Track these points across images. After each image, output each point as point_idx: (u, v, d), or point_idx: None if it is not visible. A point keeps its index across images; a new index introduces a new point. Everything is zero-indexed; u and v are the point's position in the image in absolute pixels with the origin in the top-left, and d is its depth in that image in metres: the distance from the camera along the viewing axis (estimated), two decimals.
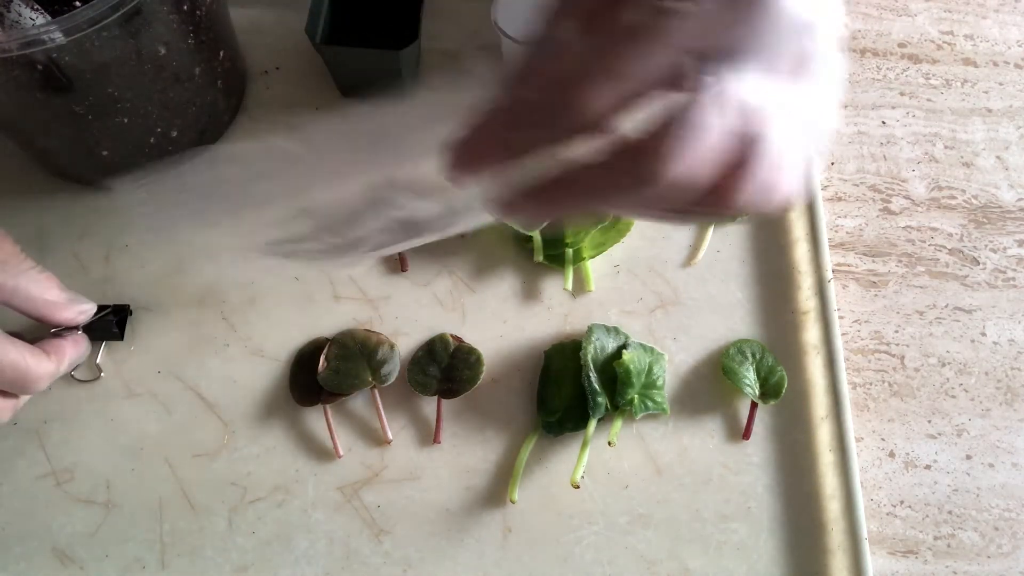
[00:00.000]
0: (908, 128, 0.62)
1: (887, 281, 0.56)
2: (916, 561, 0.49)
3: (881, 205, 0.59)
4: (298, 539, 0.48)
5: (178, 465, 0.49)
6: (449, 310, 0.53)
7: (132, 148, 0.52)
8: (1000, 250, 0.58)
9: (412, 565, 0.47)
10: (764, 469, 0.50)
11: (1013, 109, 0.63)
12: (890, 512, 0.50)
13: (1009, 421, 0.52)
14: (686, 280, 0.55)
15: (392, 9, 0.57)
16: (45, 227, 0.55)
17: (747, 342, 0.52)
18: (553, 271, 0.55)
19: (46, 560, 0.47)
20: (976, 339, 0.55)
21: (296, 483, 0.49)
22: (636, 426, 0.51)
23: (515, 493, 0.48)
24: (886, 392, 0.53)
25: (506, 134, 0.26)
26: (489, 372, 0.51)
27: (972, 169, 0.60)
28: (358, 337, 0.51)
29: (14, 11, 0.44)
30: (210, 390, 0.51)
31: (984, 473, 0.51)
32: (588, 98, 0.24)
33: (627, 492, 0.49)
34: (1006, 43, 0.66)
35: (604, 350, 0.51)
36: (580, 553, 0.48)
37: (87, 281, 0.53)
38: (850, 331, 0.55)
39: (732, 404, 0.51)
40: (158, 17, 0.45)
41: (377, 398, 0.50)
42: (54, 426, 0.50)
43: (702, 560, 0.48)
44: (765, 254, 0.55)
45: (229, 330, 0.52)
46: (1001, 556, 0.49)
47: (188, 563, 0.47)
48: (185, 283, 0.54)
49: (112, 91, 0.47)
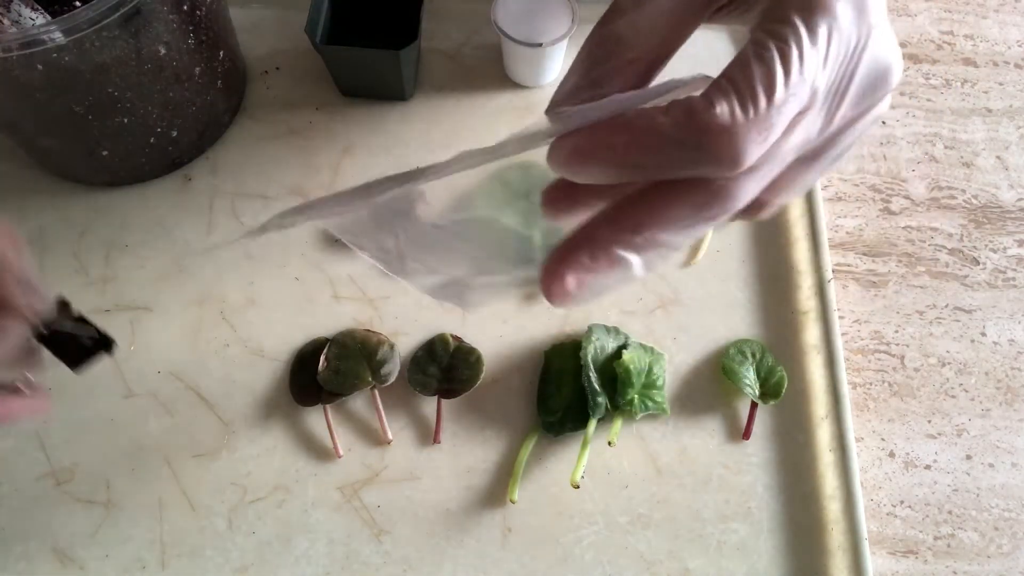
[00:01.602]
0: (908, 128, 0.62)
1: (887, 281, 0.56)
2: (916, 561, 0.49)
3: (881, 205, 0.59)
4: (298, 539, 0.48)
5: (178, 465, 0.49)
6: (449, 310, 0.53)
7: (132, 148, 0.52)
8: (1000, 250, 0.58)
9: (412, 565, 0.47)
10: (764, 469, 0.50)
11: (1013, 109, 0.63)
12: (890, 512, 0.50)
13: (1009, 421, 0.52)
14: (686, 280, 0.55)
15: (392, 9, 0.57)
16: (45, 227, 0.55)
17: (747, 342, 0.52)
18: None
19: (46, 560, 0.47)
20: (976, 339, 0.55)
21: (296, 483, 0.49)
22: (636, 426, 0.51)
23: (515, 493, 0.48)
24: (886, 392, 0.53)
25: (627, 152, 0.25)
26: (489, 372, 0.51)
27: (972, 169, 0.60)
28: (358, 337, 0.51)
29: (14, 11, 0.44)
30: (210, 390, 0.51)
31: (984, 473, 0.51)
32: (740, 148, 0.24)
33: (627, 492, 0.49)
34: (1006, 43, 0.66)
35: (604, 350, 0.51)
36: (580, 553, 0.48)
37: (87, 281, 0.53)
38: (850, 331, 0.55)
39: (732, 404, 0.51)
40: (158, 17, 0.45)
41: (377, 398, 0.50)
42: (54, 426, 0.50)
43: (702, 560, 0.48)
44: (765, 254, 0.55)
45: (229, 330, 0.52)
46: (1001, 556, 0.49)
47: (188, 563, 0.47)
48: (185, 283, 0.54)
49: (112, 91, 0.47)
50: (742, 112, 0.24)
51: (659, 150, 0.24)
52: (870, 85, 0.26)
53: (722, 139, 0.24)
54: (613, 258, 0.26)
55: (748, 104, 0.24)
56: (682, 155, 0.24)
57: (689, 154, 0.24)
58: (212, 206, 0.56)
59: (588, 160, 0.25)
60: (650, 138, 0.24)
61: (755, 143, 0.24)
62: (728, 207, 0.26)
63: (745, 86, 0.24)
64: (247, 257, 0.55)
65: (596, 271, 0.26)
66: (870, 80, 0.26)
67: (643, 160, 0.24)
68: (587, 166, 0.25)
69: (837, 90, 0.25)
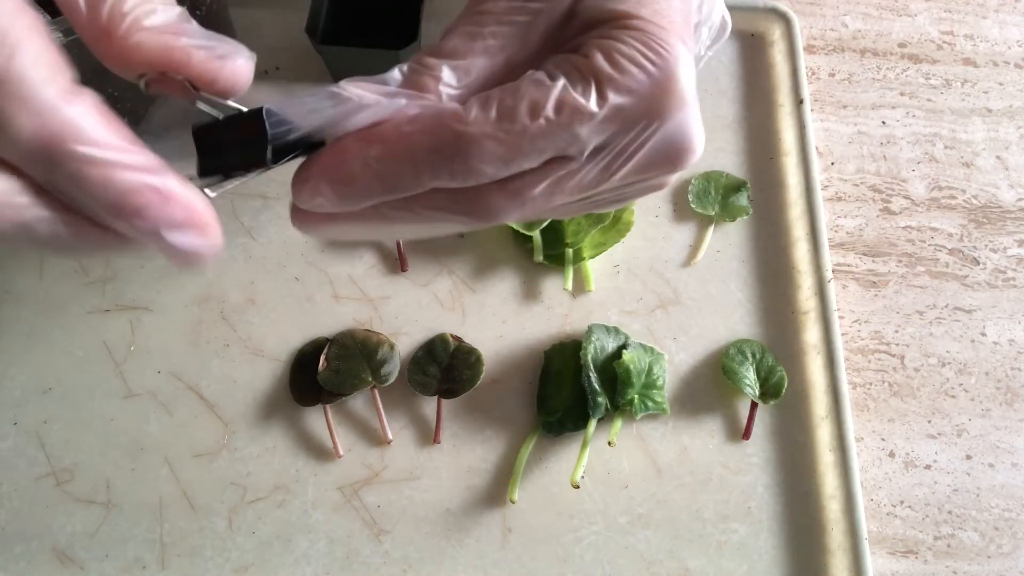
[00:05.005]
0: (908, 128, 0.62)
1: (887, 281, 0.56)
2: (916, 561, 0.49)
3: (881, 205, 0.59)
4: (298, 539, 0.48)
5: (178, 465, 0.49)
6: (449, 310, 0.53)
7: None
8: (1000, 250, 0.58)
9: (412, 565, 0.47)
10: (764, 469, 0.50)
11: (1013, 109, 0.63)
12: (890, 512, 0.50)
13: (1009, 421, 0.52)
14: (686, 280, 0.55)
15: (392, 9, 0.57)
16: None
17: (747, 342, 0.52)
18: (553, 271, 0.55)
19: (46, 560, 0.47)
20: (976, 339, 0.55)
21: (296, 483, 0.49)
22: (636, 426, 0.51)
23: (515, 493, 0.48)
24: (886, 392, 0.53)
25: (383, 165, 0.25)
26: (489, 372, 0.51)
27: (972, 169, 0.60)
28: (358, 337, 0.51)
29: None
30: (210, 390, 0.51)
31: (984, 473, 0.51)
32: (482, 162, 0.25)
33: (627, 492, 0.49)
34: (1006, 43, 0.66)
35: (604, 350, 0.51)
36: (580, 553, 0.48)
37: (87, 281, 0.53)
38: (850, 331, 0.55)
39: (732, 404, 0.51)
40: None
41: (377, 398, 0.50)
42: (54, 426, 0.50)
43: (702, 560, 0.48)
44: (765, 254, 0.55)
45: (229, 330, 0.52)
46: (1001, 556, 0.49)
47: (188, 563, 0.47)
48: (185, 283, 0.54)
49: (112, 91, 0.47)
50: (496, 129, 0.24)
51: (412, 160, 0.25)
52: (660, 159, 0.27)
53: (468, 145, 0.24)
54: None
55: (504, 119, 0.24)
56: (433, 162, 0.25)
57: (440, 161, 0.25)
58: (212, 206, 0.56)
59: (349, 184, 0.25)
60: (402, 146, 0.25)
61: (494, 157, 0.25)
62: (479, 216, 0.27)
63: (510, 105, 0.25)
64: (247, 257, 0.55)
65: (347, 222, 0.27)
66: (661, 154, 0.27)
67: (399, 171, 0.25)
68: (349, 191, 0.26)
69: (621, 152, 0.26)
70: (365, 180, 0.25)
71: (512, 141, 0.24)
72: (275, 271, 0.54)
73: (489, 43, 0.26)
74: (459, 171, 0.25)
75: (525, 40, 0.27)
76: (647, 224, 0.56)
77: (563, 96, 0.25)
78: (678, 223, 0.57)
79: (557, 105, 0.25)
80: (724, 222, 0.56)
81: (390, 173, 0.25)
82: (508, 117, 0.24)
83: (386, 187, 0.25)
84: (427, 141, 0.24)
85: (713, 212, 0.56)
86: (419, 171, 0.25)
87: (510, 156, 0.25)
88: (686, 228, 0.56)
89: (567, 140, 0.25)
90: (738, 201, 0.56)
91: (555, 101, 0.25)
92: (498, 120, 0.24)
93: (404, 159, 0.25)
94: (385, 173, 0.25)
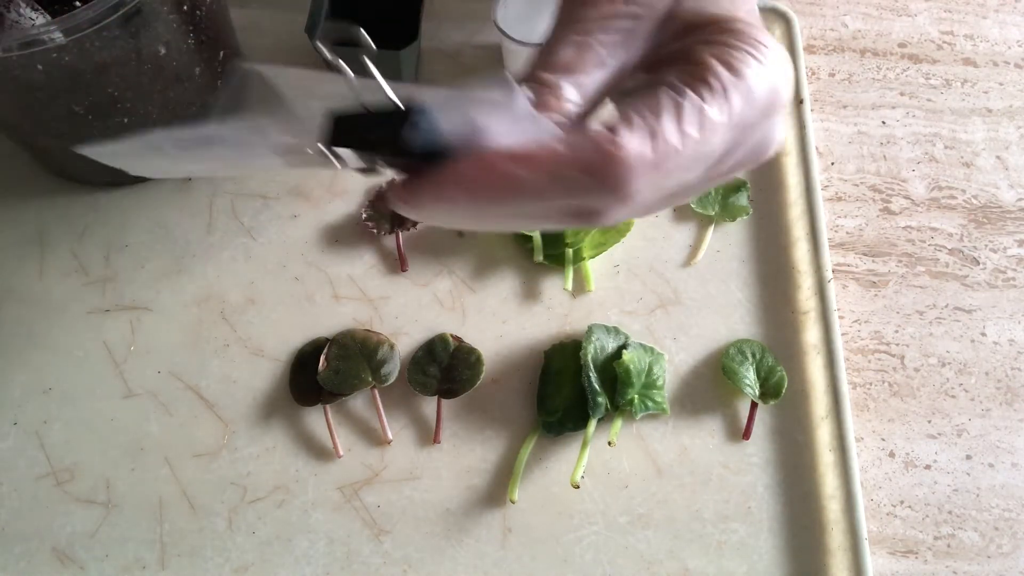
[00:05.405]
0: (908, 128, 0.62)
1: (887, 281, 0.56)
2: (916, 561, 0.49)
3: (881, 205, 0.59)
4: (298, 539, 0.48)
5: (178, 465, 0.49)
6: (449, 310, 0.53)
7: None
8: (1000, 250, 0.58)
9: (412, 565, 0.47)
10: (764, 469, 0.50)
11: (1013, 109, 0.63)
12: (890, 512, 0.50)
13: (1009, 421, 0.52)
14: (686, 280, 0.55)
15: (392, 9, 0.57)
16: (45, 227, 0.55)
17: (747, 342, 0.52)
18: (553, 271, 0.55)
19: (46, 560, 0.47)
20: (976, 339, 0.55)
21: (296, 483, 0.49)
22: (636, 426, 0.51)
23: (515, 493, 0.48)
24: (886, 392, 0.53)
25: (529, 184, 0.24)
26: (489, 372, 0.51)
27: (972, 169, 0.60)
28: (358, 337, 0.51)
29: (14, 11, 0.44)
30: (210, 390, 0.51)
31: (984, 473, 0.51)
32: (636, 187, 0.24)
33: (627, 492, 0.49)
34: (1006, 43, 0.66)
35: (604, 350, 0.51)
36: (580, 553, 0.48)
37: (87, 281, 0.53)
38: (850, 331, 0.55)
39: (732, 404, 0.51)
40: (158, 17, 0.45)
41: (377, 398, 0.50)
42: (54, 426, 0.50)
43: (702, 560, 0.48)
44: (765, 254, 0.55)
45: (229, 330, 0.52)
46: (1001, 556, 0.49)
47: (188, 563, 0.47)
48: (185, 283, 0.54)
49: (112, 91, 0.47)
50: (651, 152, 0.24)
51: (560, 180, 0.24)
52: (750, 159, 0.27)
53: (622, 173, 0.24)
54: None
55: (659, 146, 0.24)
56: (573, 185, 0.24)
57: (582, 184, 0.24)
58: (212, 206, 0.56)
59: (490, 197, 0.25)
60: (552, 167, 0.24)
61: (648, 182, 0.24)
62: (593, 225, 0.26)
63: (658, 128, 0.24)
64: (247, 257, 0.55)
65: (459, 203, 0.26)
66: (752, 154, 0.27)
67: (544, 189, 0.24)
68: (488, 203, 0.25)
69: (729, 156, 0.26)
70: (507, 195, 0.25)
71: (664, 164, 0.24)
72: (275, 271, 0.54)
73: (600, 52, 0.26)
74: (611, 193, 0.24)
75: (630, 47, 0.27)
76: (647, 224, 0.56)
77: (704, 114, 0.25)
78: (678, 223, 0.57)
79: (700, 123, 0.24)
80: (724, 222, 0.56)
81: (534, 191, 0.24)
82: (659, 139, 0.24)
83: (523, 202, 0.25)
84: (579, 164, 0.24)
85: (713, 212, 0.56)
86: (569, 191, 0.24)
87: (662, 180, 0.24)
88: (686, 228, 0.56)
89: (709, 155, 0.25)
90: (738, 201, 0.56)
91: (697, 119, 0.24)
92: (651, 142, 0.24)
93: (552, 179, 0.24)
94: (529, 190, 0.24)
